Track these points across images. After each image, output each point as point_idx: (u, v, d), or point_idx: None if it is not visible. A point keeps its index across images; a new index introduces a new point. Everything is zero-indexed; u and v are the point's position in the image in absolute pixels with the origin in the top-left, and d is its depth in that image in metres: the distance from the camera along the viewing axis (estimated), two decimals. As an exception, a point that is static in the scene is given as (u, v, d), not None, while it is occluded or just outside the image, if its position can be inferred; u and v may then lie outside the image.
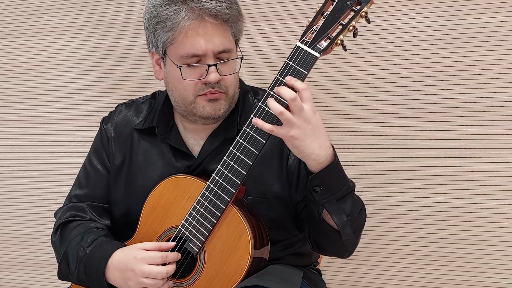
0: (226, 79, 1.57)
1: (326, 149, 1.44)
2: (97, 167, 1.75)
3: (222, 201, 1.49)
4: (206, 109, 1.58)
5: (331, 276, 2.32)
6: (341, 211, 1.49)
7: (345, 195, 1.49)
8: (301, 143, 1.41)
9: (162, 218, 1.59)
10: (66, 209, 1.75)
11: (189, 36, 1.52)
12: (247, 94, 1.70)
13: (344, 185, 1.49)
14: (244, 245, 1.48)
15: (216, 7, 1.50)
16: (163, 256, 1.51)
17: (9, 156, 2.71)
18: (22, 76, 2.65)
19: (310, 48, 1.43)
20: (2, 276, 2.79)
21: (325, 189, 1.46)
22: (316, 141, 1.42)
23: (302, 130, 1.40)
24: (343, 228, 1.51)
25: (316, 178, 1.45)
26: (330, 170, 1.45)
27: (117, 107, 1.81)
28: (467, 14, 2.07)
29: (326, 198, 1.47)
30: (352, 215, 1.50)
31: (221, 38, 1.54)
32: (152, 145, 1.70)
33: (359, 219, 1.55)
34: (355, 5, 1.42)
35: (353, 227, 1.52)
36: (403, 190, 2.20)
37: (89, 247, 1.60)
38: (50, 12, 2.58)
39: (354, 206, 1.51)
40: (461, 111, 2.11)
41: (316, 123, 1.41)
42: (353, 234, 1.53)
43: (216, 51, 1.54)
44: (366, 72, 2.20)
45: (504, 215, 2.10)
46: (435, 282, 2.20)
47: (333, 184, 1.47)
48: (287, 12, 2.27)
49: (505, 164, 2.08)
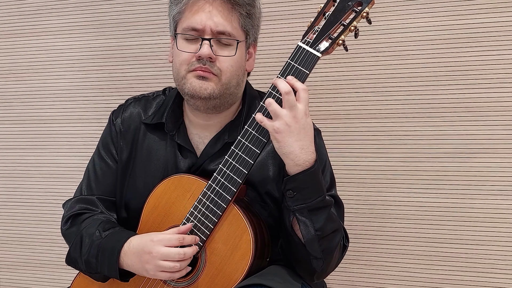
0: (220, 61, 1.57)
1: (307, 153, 1.44)
2: (107, 161, 1.75)
3: (223, 200, 1.49)
4: (193, 85, 1.57)
5: (331, 276, 2.30)
6: (310, 224, 1.48)
7: (318, 208, 1.47)
8: (283, 139, 1.41)
9: (164, 217, 1.59)
10: (75, 201, 1.74)
11: (193, 11, 1.55)
12: (255, 100, 1.70)
13: (319, 196, 1.47)
14: (245, 245, 1.49)
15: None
16: (180, 238, 1.49)
17: (9, 156, 2.70)
18: (22, 76, 2.65)
19: (311, 48, 1.44)
20: (2, 276, 2.78)
21: (298, 195, 1.46)
22: (298, 142, 1.42)
23: (287, 126, 1.40)
24: (309, 243, 1.49)
25: (290, 180, 1.45)
26: (306, 176, 1.44)
27: (126, 101, 1.81)
28: (467, 14, 2.07)
29: (297, 205, 1.47)
30: (322, 231, 1.49)
31: (224, 20, 1.55)
32: (156, 141, 1.71)
33: (330, 240, 1.52)
34: (357, 6, 1.44)
35: (322, 245, 1.50)
36: (403, 190, 2.20)
37: (105, 232, 1.60)
38: (49, 12, 2.58)
39: (326, 224, 1.49)
40: (461, 111, 2.11)
41: (304, 125, 1.42)
42: (321, 253, 1.51)
43: (215, 30, 1.55)
44: (367, 72, 2.20)
45: (504, 215, 2.10)
46: (435, 282, 2.20)
47: (307, 192, 1.46)
48: (287, 12, 2.27)
49: (505, 164, 2.08)
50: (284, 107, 1.40)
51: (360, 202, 2.24)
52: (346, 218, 1.70)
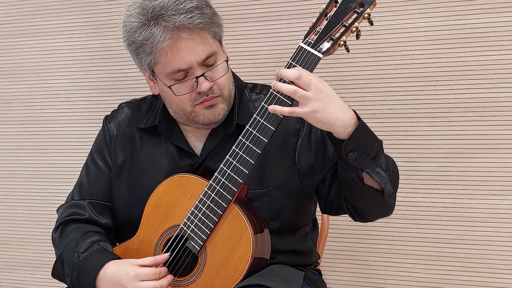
0: (218, 83, 1.56)
1: (347, 111, 1.44)
2: (99, 165, 1.75)
3: (224, 199, 1.49)
4: (206, 116, 1.58)
5: (331, 276, 2.32)
6: (379, 169, 1.48)
7: (377, 152, 1.48)
8: (323, 114, 1.40)
9: (164, 216, 1.59)
10: (67, 207, 1.75)
11: (170, 54, 1.51)
12: (244, 90, 1.70)
13: (375, 142, 1.48)
14: (245, 244, 1.49)
15: (188, 21, 1.48)
16: (156, 273, 1.50)
17: (9, 156, 2.71)
18: (22, 76, 2.66)
19: (313, 49, 1.44)
20: (2, 276, 2.79)
21: (360, 152, 1.45)
22: (336, 106, 1.42)
23: (319, 102, 1.39)
24: (385, 186, 1.50)
25: (349, 143, 1.44)
26: (360, 131, 1.44)
27: (119, 106, 1.81)
28: (468, 14, 2.08)
29: (362, 160, 1.46)
30: (389, 170, 1.50)
31: (202, 46, 1.52)
32: (155, 144, 1.71)
33: (394, 172, 1.54)
34: (358, 7, 1.44)
35: (392, 181, 1.52)
36: (403, 190, 2.19)
37: (83, 253, 1.60)
38: (50, 13, 2.58)
39: (388, 161, 1.51)
40: (462, 111, 2.11)
41: (328, 90, 1.42)
42: (393, 189, 1.53)
43: (200, 60, 1.52)
44: (367, 72, 2.20)
45: (503, 215, 2.11)
46: (435, 282, 2.20)
47: (366, 145, 1.46)
48: (287, 12, 2.27)
49: (504, 164, 2.09)
50: (305, 89, 1.39)
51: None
52: (346, 219, 1.69)
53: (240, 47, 2.34)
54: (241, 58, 2.34)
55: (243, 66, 2.33)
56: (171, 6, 1.48)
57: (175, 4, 1.48)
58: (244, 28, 2.33)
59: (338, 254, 2.33)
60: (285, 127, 1.63)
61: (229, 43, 2.34)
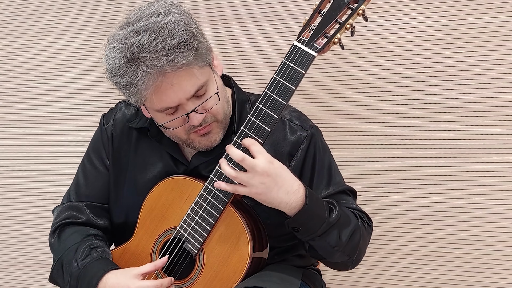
0: (211, 111, 1.54)
1: (294, 193, 1.43)
2: (97, 166, 1.74)
3: (220, 202, 1.48)
4: (202, 143, 1.58)
5: (330, 276, 2.32)
6: (326, 245, 1.49)
7: (326, 231, 1.47)
8: (267, 196, 1.41)
9: (161, 219, 1.59)
10: (64, 209, 1.74)
11: (155, 97, 1.46)
12: (245, 104, 1.67)
13: (322, 223, 1.46)
14: (243, 246, 1.49)
15: (170, 64, 1.41)
16: (158, 285, 1.49)
17: (9, 156, 2.71)
18: (22, 76, 2.65)
19: (307, 47, 1.42)
20: (2, 276, 2.79)
21: (303, 229, 1.46)
22: (281, 190, 1.41)
23: (263, 185, 1.40)
24: (332, 256, 1.52)
25: (292, 222, 1.46)
26: (303, 214, 1.44)
27: (117, 104, 1.80)
28: (468, 14, 2.07)
29: (307, 236, 1.48)
30: (339, 245, 1.50)
31: (189, 82, 1.46)
32: (151, 145, 1.69)
33: (351, 243, 1.52)
34: (352, 3, 1.41)
35: (346, 252, 1.52)
36: (403, 190, 2.20)
37: (83, 261, 1.59)
38: (50, 12, 2.58)
39: (341, 236, 1.50)
40: (462, 111, 2.10)
41: (275, 172, 1.41)
42: (347, 256, 1.53)
43: (189, 96, 1.48)
44: (368, 72, 2.19)
45: (503, 215, 2.10)
46: (434, 282, 2.20)
47: (311, 225, 1.46)
48: (287, 12, 2.26)
49: (504, 164, 2.08)
50: (249, 172, 1.39)
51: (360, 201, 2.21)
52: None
53: (240, 47, 2.33)
54: (241, 58, 2.33)
55: (243, 66, 2.33)
56: (150, 47, 1.40)
57: (155, 43, 1.40)
58: (244, 28, 2.32)
59: (338, 254, 2.32)
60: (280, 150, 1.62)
61: (229, 43, 2.34)
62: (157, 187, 1.61)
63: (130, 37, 1.43)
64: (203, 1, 2.36)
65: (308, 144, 1.64)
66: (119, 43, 1.45)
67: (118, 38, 1.46)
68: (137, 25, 1.44)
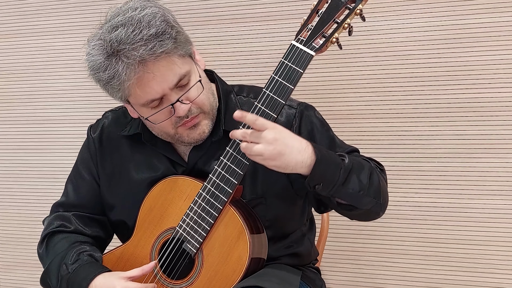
0: (196, 102, 1.53)
1: (305, 151, 1.42)
2: (84, 176, 1.74)
3: (219, 201, 1.48)
4: (191, 136, 1.57)
5: (330, 275, 2.32)
6: (351, 192, 1.47)
7: (346, 177, 1.46)
8: (282, 161, 1.40)
9: (160, 219, 1.59)
10: (53, 219, 1.75)
11: (138, 89, 1.47)
12: (230, 94, 1.67)
13: (340, 169, 1.45)
14: (242, 245, 1.48)
15: (149, 53, 1.42)
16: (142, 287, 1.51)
17: (9, 156, 2.71)
18: (22, 76, 2.65)
19: (305, 47, 1.43)
20: (2, 276, 2.79)
21: (326, 183, 1.44)
22: (293, 150, 1.40)
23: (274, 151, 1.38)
24: (361, 203, 1.50)
25: (311, 179, 1.43)
26: (320, 166, 1.42)
27: (104, 114, 1.80)
28: (468, 14, 2.07)
29: (330, 189, 1.45)
30: (363, 188, 1.48)
31: (171, 72, 1.47)
32: (146, 150, 1.68)
33: (372, 184, 1.51)
34: (350, 3, 1.42)
35: (371, 194, 1.50)
36: (403, 190, 2.20)
37: (72, 265, 1.59)
38: (49, 12, 2.58)
39: (361, 179, 1.49)
40: (462, 111, 2.11)
41: (281, 134, 1.40)
42: (374, 200, 1.52)
43: (172, 86, 1.49)
44: (368, 72, 2.19)
45: (502, 215, 2.10)
46: (434, 282, 2.20)
47: (330, 176, 1.44)
48: (287, 12, 2.26)
49: (504, 164, 2.08)
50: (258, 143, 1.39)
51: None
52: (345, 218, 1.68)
53: (240, 47, 2.34)
54: (241, 58, 2.34)
55: (243, 66, 2.33)
56: (128, 39, 1.42)
57: (133, 35, 1.42)
58: (244, 28, 2.33)
59: (338, 254, 2.32)
60: None
61: (229, 43, 2.35)
62: (156, 187, 1.61)
63: (108, 33, 1.45)
64: (203, 1, 2.36)
65: (299, 120, 1.63)
66: (99, 41, 1.47)
67: (97, 37, 1.48)
68: (114, 21, 1.46)
